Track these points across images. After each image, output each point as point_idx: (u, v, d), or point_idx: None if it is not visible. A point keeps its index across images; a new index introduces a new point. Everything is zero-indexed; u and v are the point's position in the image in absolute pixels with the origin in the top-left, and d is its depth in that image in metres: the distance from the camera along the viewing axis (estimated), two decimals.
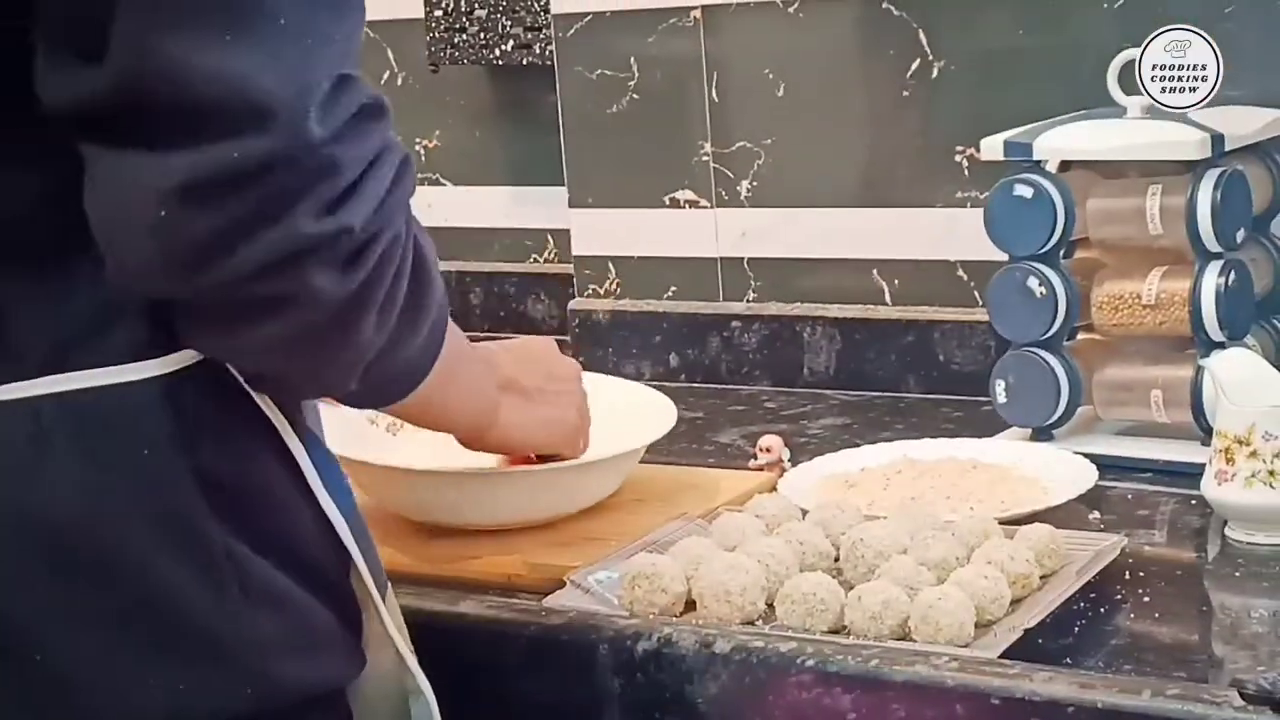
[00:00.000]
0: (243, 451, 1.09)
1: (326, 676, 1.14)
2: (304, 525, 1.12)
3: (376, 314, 1.06)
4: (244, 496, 1.08)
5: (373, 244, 1.04)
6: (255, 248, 0.99)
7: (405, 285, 1.08)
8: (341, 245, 1.02)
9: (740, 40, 2.04)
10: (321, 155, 1.00)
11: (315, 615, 1.12)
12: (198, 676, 1.06)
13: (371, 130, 1.04)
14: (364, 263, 1.03)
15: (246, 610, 1.07)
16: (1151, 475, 1.61)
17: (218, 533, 1.06)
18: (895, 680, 1.19)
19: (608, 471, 1.53)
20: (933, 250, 1.96)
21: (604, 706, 1.29)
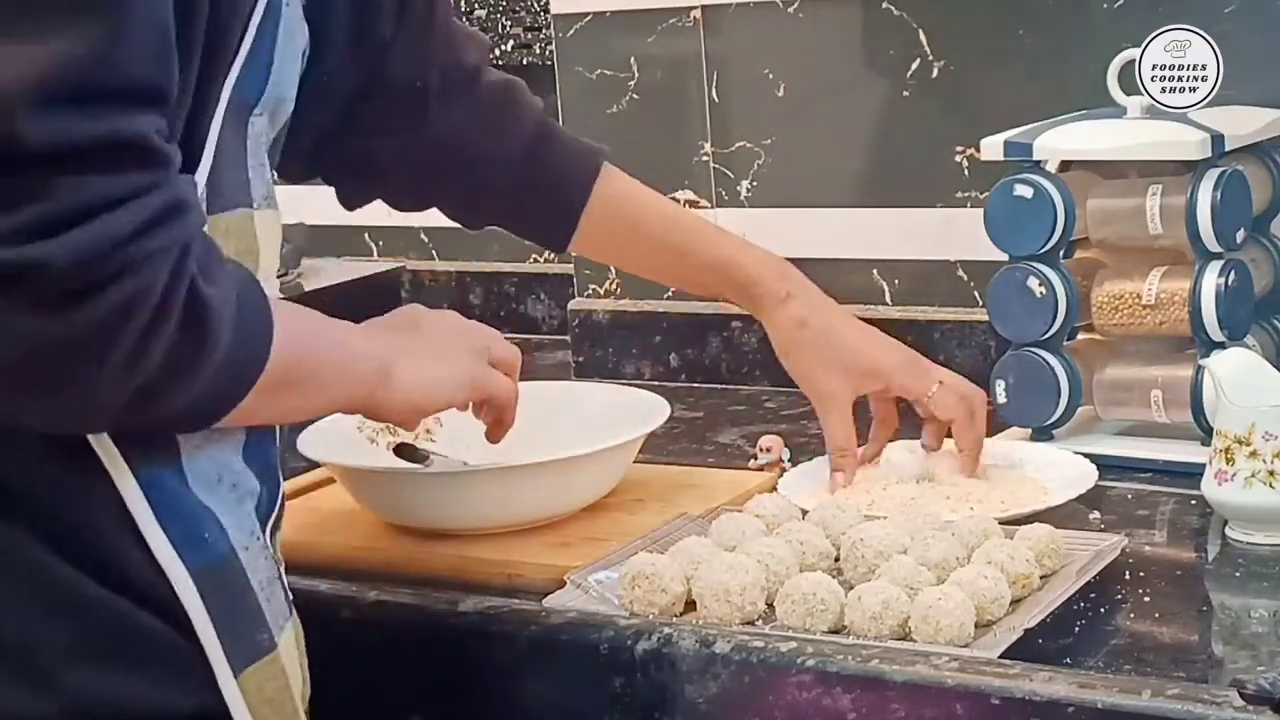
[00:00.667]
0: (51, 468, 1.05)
1: (150, 696, 1.08)
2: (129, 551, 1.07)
3: (120, 368, 0.99)
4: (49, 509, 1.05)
5: (102, 290, 0.96)
6: None
7: (162, 340, 1.00)
8: (43, 281, 0.95)
9: (740, 40, 2.04)
10: (36, 175, 0.94)
11: (141, 632, 1.07)
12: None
13: (124, 170, 0.98)
14: (87, 308, 0.96)
15: (38, 614, 1.05)
16: (1151, 475, 1.61)
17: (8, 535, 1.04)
18: (895, 680, 1.19)
19: (605, 466, 1.53)
20: (933, 250, 1.96)
21: (604, 706, 1.29)
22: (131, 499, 1.07)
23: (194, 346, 1.03)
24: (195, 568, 1.09)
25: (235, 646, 1.10)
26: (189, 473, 1.10)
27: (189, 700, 1.09)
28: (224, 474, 1.13)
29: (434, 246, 2.44)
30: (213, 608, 1.09)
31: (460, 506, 1.49)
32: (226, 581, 1.11)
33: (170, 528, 1.08)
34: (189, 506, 1.10)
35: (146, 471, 1.08)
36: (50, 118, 0.94)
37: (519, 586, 1.41)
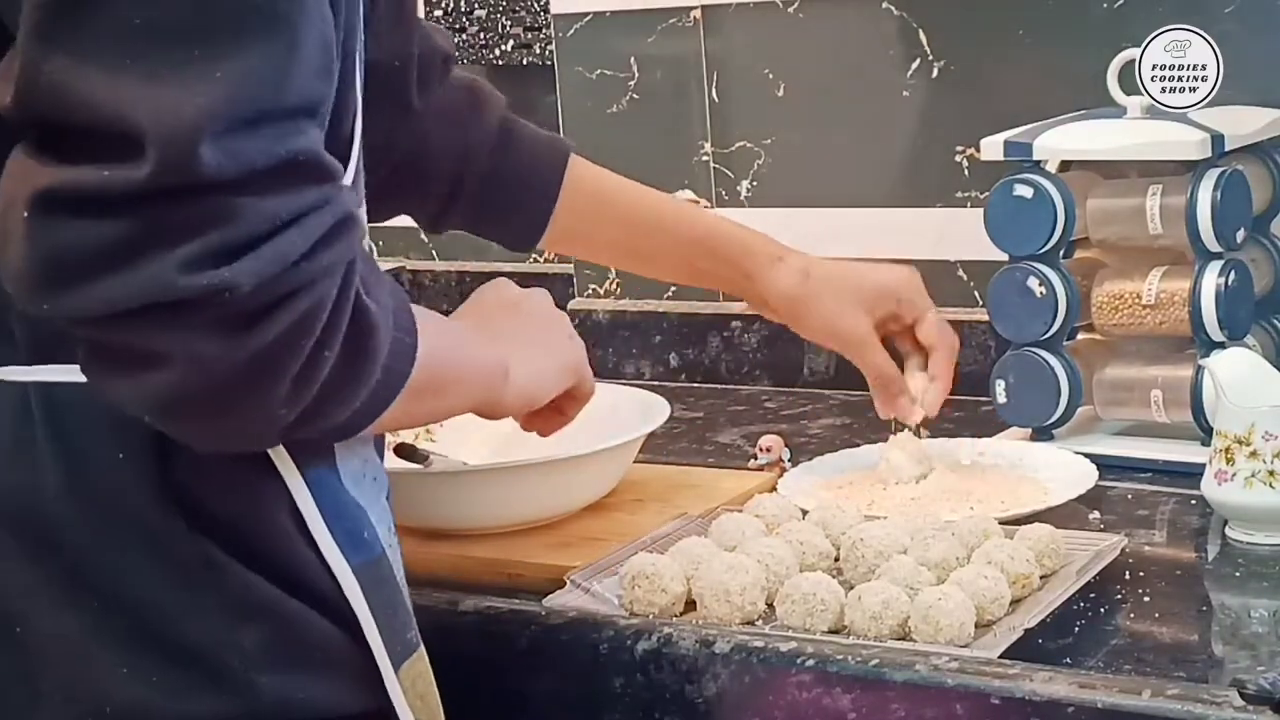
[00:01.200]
0: (229, 474, 1.06)
1: (328, 698, 1.10)
2: (305, 556, 1.09)
3: (290, 384, 0.99)
4: (232, 517, 1.06)
5: (278, 310, 0.97)
6: (122, 281, 0.94)
7: (332, 355, 1.01)
8: (227, 305, 0.95)
9: (740, 40, 2.04)
10: (216, 200, 0.95)
11: (318, 634, 1.09)
12: (170, 677, 1.06)
13: (299, 187, 0.98)
14: (264, 329, 0.97)
15: (226, 619, 1.06)
16: (1151, 475, 1.61)
17: (196, 544, 1.05)
18: (895, 680, 1.19)
19: (605, 466, 1.53)
20: (933, 250, 1.96)
21: (604, 706, 1.29)
22: (302, 500, 1.08)
23: (358, 361, 1.04)
24: (357, 566, 1.10)
25: (393, 644, 1.12)
26: (342, 471, 1.12)
27: (359, 701, 1.11)
28: (367, 469, 1.15)
29: (434, 246, 2.44)
30: (374, 606, 1.10)
31: (460, 506, 1.49)
32: (382, 579, 1.13)
33: (334, 527, 1.09)
34: (347, 505, 1.11)
35: (311, 471, 1.09)
36: (229, 144, 0.95)
37: (519, 586, 1.42)
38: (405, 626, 1.14)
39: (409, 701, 1.13)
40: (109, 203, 0.94)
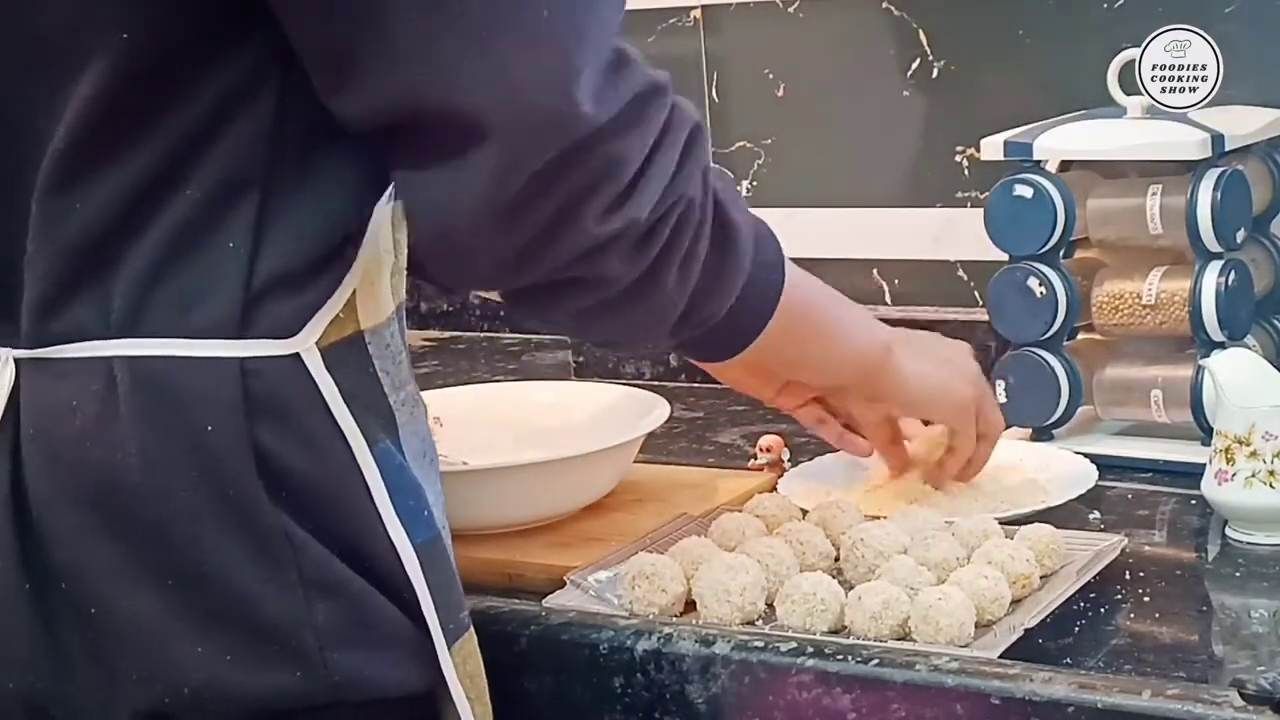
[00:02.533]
0: (310, 449, 1.07)
1: (390, 677, 1.11)
2: (373, 532, 1.10)
3: (677, 273, 1.13)
4: (309, 490, 1.07)
5: (661, 223, 1.10)
6: (559, 250, 1.07)
7: (703, 247, 1.15)
8: (630, 234, 1.08)
9: (740, 40, 2.04)
10: (604, 150, 1.04)
11: (381, 612, 1.10)
12: (244, 652, 1.06)
13: (652, 111, 1.07)
14: (655, 241, 1.10)
15: (303, 594, 1.07)
16: (1151, 475, 1.61)
17: (276, 517, 1.06)
18: (895, 680, 1.19)
19: (605, 466, 1.53)
20: (933, 250, 1.96)
21: (604, 706, 1.29)
22: (369, 474, 1.09)
23: (727, 249, 1.19)
24: (418, 545, 1.12)
25: (447, 623, 1.13)
26: (405, 446, 1.13)
27: (417, 680, 1.12)
28: (425, 447, 1.17)
29: None
30: (432, 585, 1.12)
31: (460, 506, 1.49)
32: (438, 557, 1.14)
33: (399, 504, 1.11)
34: (410, 482, 1.13)
35: (379, 446, 1.10)
36: (597, 93, 1.03)
37: (519, 586, 1.42)
38: (458, 606, 1.16)
39: (460, 679, 1.14)
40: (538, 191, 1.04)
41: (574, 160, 1.03)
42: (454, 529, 1.50)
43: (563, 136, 1.02)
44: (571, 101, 1.02)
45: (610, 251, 1.08)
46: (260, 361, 1.06)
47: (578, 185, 1.04)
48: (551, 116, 1.02)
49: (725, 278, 1.20)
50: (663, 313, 1.17)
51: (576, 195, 1.05)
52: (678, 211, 1.11)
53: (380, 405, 1.12)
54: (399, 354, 1.15)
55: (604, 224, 1.06)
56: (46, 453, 1.06)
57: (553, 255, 1.07)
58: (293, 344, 1.07)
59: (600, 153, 1.04)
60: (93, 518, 1.05)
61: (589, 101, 1.02)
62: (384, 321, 1.13)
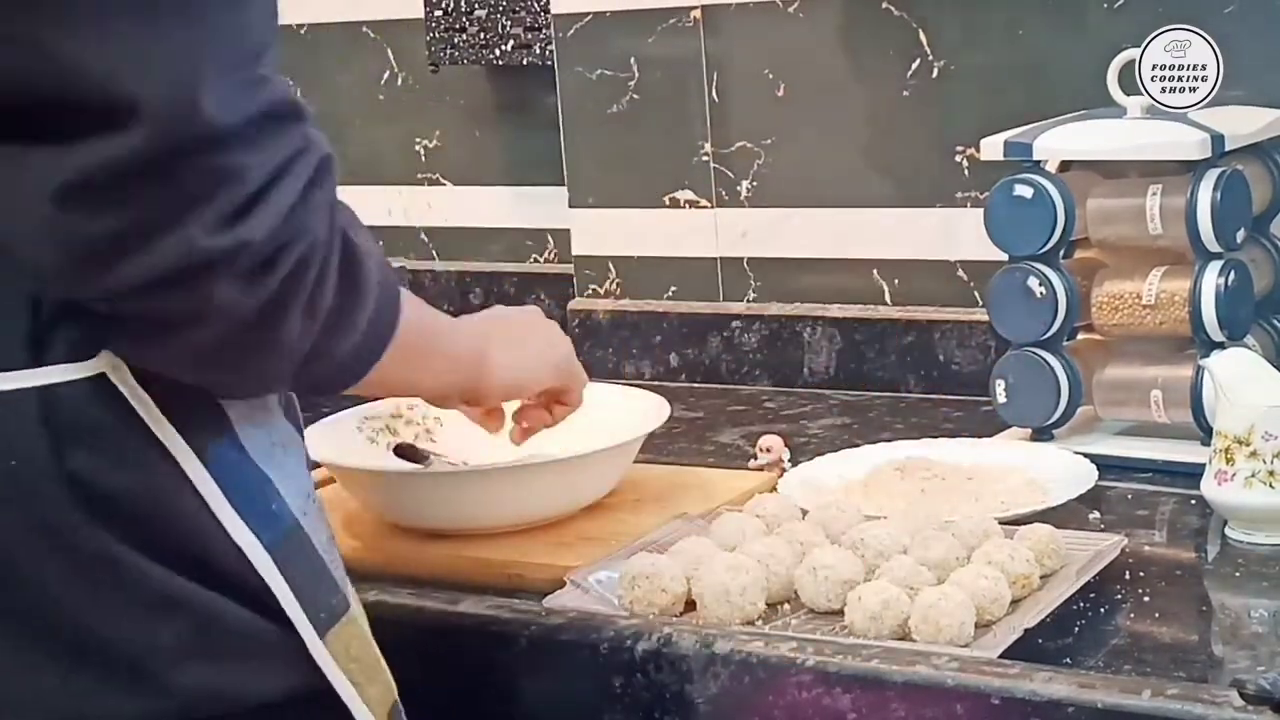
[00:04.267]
0: (128, 465, 1.05)
1: (251, 685, 1.08)
2: (214, 540, 1.07)
3: (301, 318, 1.04)
4: (133, 509, 1.05)
5: (282, 254, 1.01)
6: (153, 256, 0.98)
7: (330, 287, 1.05)
8: (244, 258, 0.99)
9: (740, 40, 2.04)
10: (221, 159, 0.97)
11: (234, 622, 1.07)
12: (97, 682, 1.04)
13: (283, 133, 1.01)
14: (274, 273, 1.01)
15: (142, 617, 1.05)
16: (1151, 475, 1.61)
17: (102, 541, 1.04)
18: (895, 680, 1.19)
19: (605, 466, 1.53)
20: (933, 250, 1.96)
21: (604, 706, 1.29)
22: (200, 482, 1.07)
23: (353, 293, 1.08)
24: (269, 542, 1.09)
25: (316, 614, 1.11)
26: (246, 443, 1.11)
27: (290, 681, 1.10)
28: (276, 437, 1.14)
29: (434, 246, 2.44)
30: (290, 579, 1.10)
31: (460, 506, 1.49)
32: (296, 549, 1.12)
33: (240, 505, 1.08)
34: (253, 480, 1.10)
35: (209, 451, 1.08)
36: (222, 94, 0.97)
37: (519, 586, 1.42)
38: (330, 592, 1.13)
39: (342, 667, 1.12)
40: (124, 180, 0.96)
41: (184, 162, 0.97)
42: (454, 529, 1.50)
43: (173, 137, 0.96)
44: (191, 105, 0.96)
45: (221, 274, 0.99)
46: (61, 388, 1.04)
47: (181, 190, 0.97)
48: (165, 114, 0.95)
49: (351, 319, 1.09)
50: (283, 359, 1.06)
51: (182, 199, 0.97)
52: (298, 247, 1.02)
53: (204, 407, 1.09)
54: None
55: (214, 238, 0.98)
56: None
57: (148, 260, 0.98)
58: (96, 364, 1.05)
59: (216, 161, 0.97)
60: None
61: (214, 108, 0.97)
62: None
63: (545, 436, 1.52)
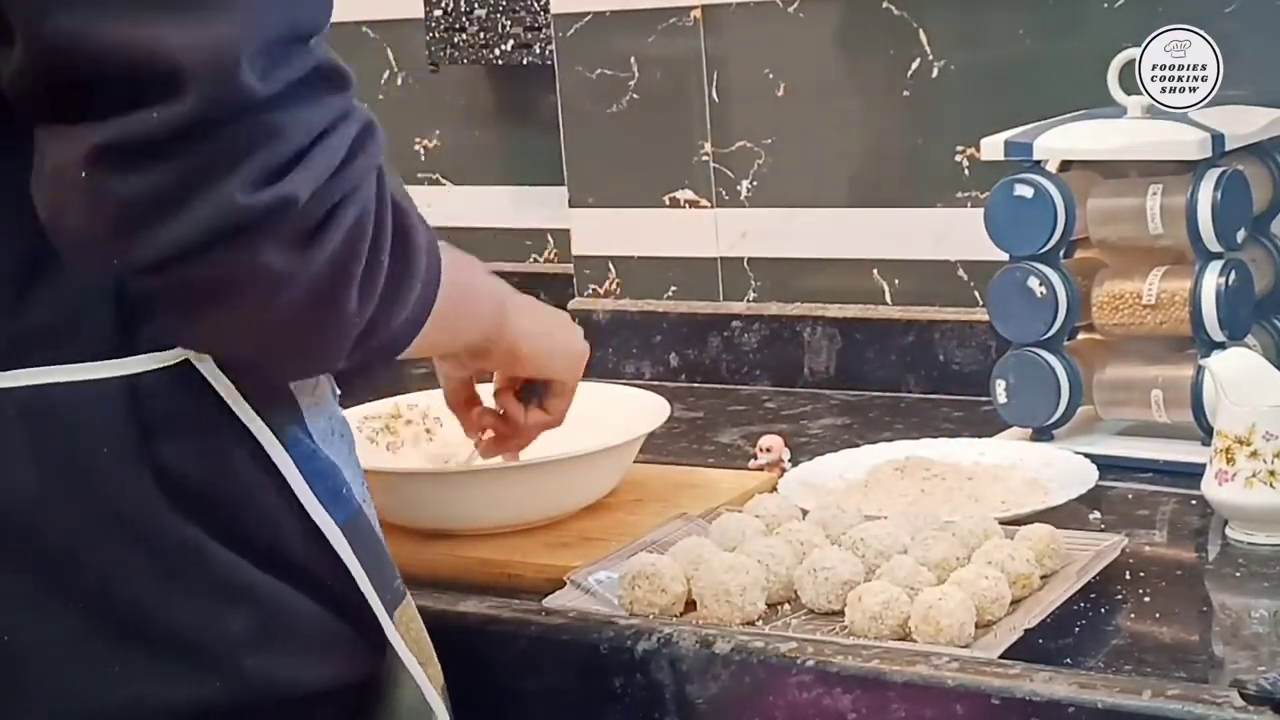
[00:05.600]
0: (210, 452, 1.07)
1: (315, 675, 1.11)
2: (288, 526, 1.09)
3: (357, 292, 1.02)
4: (213, 495, 1.06)
5: (333, 218, 0.99)
6: (191, 218, 0.96)
7: (386, 257, 1.04)
8: (289, 219, 0.97)
9: (740, 40, 2.04)
10: (260, 119, 0.96)
11: (299, 613, 1.09)
12: (160, 668, 1.06)
13: (325, 97, 1.00)
14: (327, 238, 0.99)
15: (212, 605, 1.06)
16: (1151, 475, 1.61)
17: (181, 529, 1.05)
18: (895, 680, 1.19)
19: (605, 466, 1.53)
20: (933, 250, 1.96)
21: (604, 706, 1.29)
22: (284, 465, 1.08)
23: (408, 261, 1.07)
24: (343, 524, 1.11)
25: (384, 594, 1.13)
26: (312, 429, 1.12)
27: (349, 671, 1.12)
28: (334, 424, 1.16)
29: None
30: (363, 560, 1.11)
31: (460, 506, 1.49)
32: (364, 533, 1.13)
33: (317, 488, 1.10)
34: (324, 463, 1.12)
35: (287, 433, 1.09)
36: (262, 64, 0.96)
37: (519, 586, 1.42)
38: (392, 576, 1.16)
39: (407, 645, 1.15)
40: (161, 144, 0.95)
41: (223, 124, 0.95)
42: (454, 529, 1.50)
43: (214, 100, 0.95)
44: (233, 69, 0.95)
45: (266, 236, 0.97)
46: (148, 376, 1.05)
47: (217, 151, 0.96)
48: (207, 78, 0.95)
49: (404, 292, 1.08)
50: (340, 337, 1.04)
51: (214, 161, 0.96)
52: (350, 213, 1.00)
53: (280, 393, 1.11)
54: None
55: (253, 195, 0.96)
56: None
57: (185, 223, 0.96)
58: (180, 352, 1.06)
59: (256, 121, 0.96)
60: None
61: (253, 74, 0.96)
62: None
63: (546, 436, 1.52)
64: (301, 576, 1.10)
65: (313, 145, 0.98)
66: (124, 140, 0.95)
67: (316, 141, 0.98)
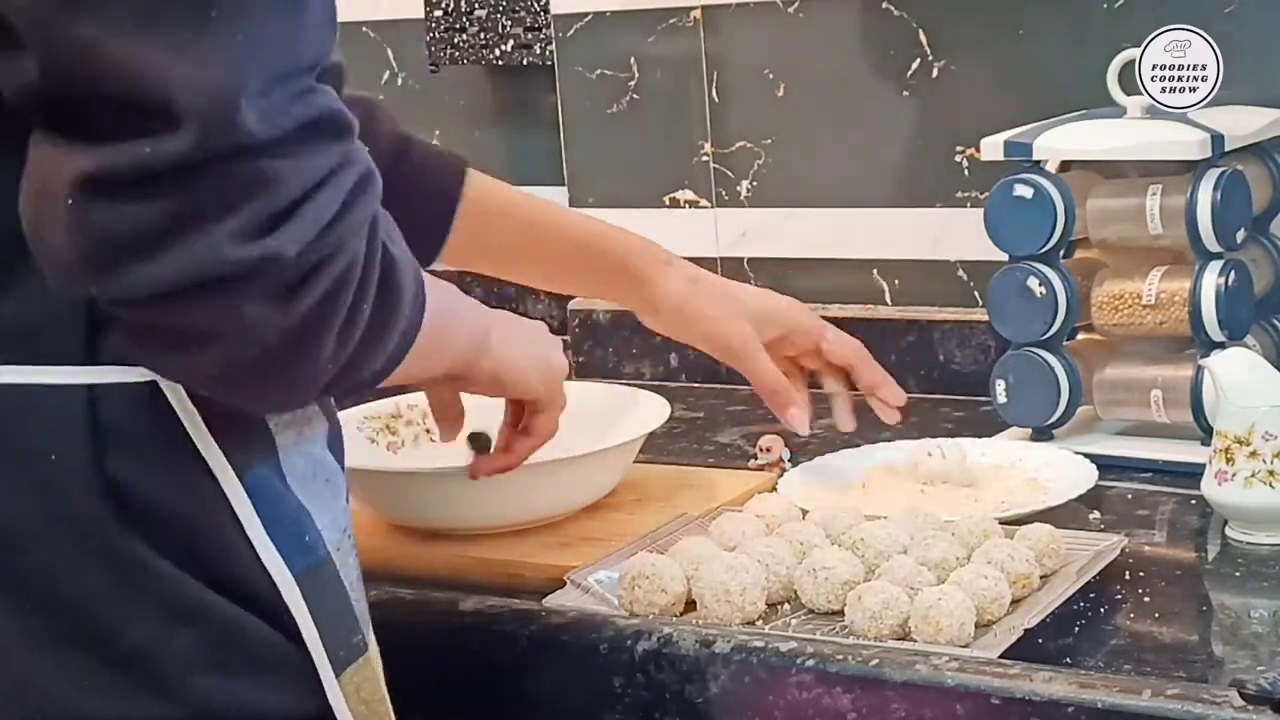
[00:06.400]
0: (165, 473, 1.04)
1: (264, 702, 1.07)
2: (241, 557, 1.06)
3: (335, 341, 1.01)
4: (166, 517, 1.04)
5: (318, 272, 0.98)
6: (172, 259, 0.95)
7: (368, 307, 1.03)
8: (274, 274, 0.96)
9: (740, 40, 2.04)
10: (256, 164, 0.95)
11: (254, 637, 1.06)
12: (107, 679, 1.04)
13: (325, 144, 0.98)
14: (308, 292, 0.98)
15: (162, 620, 1.04)
16: (1151, 475, 1.61)
17: (130, 545, 1.03)
18: (895, 680, 1.19)
19: (605, 466, 1.53)
20: (933, 250, 1.96)
21: (604, 706, 1.29)
22: (238, 503, 1.06)
23: (390, 309, 1.06)
24: (299, 572, 1.08)
25: (335, 650, 1.10)
26: (286, 471, 1.10)
27: (301, 705, 1.09)
28: (317, 469, 1.12)
29: None
30: (315, 611, 1.08)
31: (460, 506, 1.49)
32: (325, 583, 1.10)
33: (274, 531, 1.07)
34: (290, 508, 1.09)
35: (251, 473, 1.07)
36: (262, 105, 0.95)
37: (519, 586, 1.42)
38: (351, 631, 1.12)
39: (351, 708, 1.11)
40: (152, 179, 0.94)
41: (208, 166, 0.94)
42: (454, 529, 1.50)
43: (207, 139, 0.93)
44: (231, 110, 0.93)
45: (252, 290, 0.96)
46: (110, 388, 1.03)
47: (209, 194, 0.94)
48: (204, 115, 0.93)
49: (384, 337, 1.06)
50: (312, 381, 1.03)
51: (204, 204, 0.94)
52: (336, 265, 0.99)
53: (255, 430, 1.08)
54: None
55: (241, 249, 0.95)
56: None
57: (168, 264, 0.95)
58: (147, 371, 1.04)
59: (248, 168, 0.94)
60: None
61: (253, 114, 0.94)
62: None
63: None
64: (261, 605, 1.07)
65: (305, 198, 0.97)
66: (113, 170, 0.94)
67: (311, 193, 0.97)
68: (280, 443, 1.09)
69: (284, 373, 1.02)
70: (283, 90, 0.96)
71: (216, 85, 0.93)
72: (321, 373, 1.03)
